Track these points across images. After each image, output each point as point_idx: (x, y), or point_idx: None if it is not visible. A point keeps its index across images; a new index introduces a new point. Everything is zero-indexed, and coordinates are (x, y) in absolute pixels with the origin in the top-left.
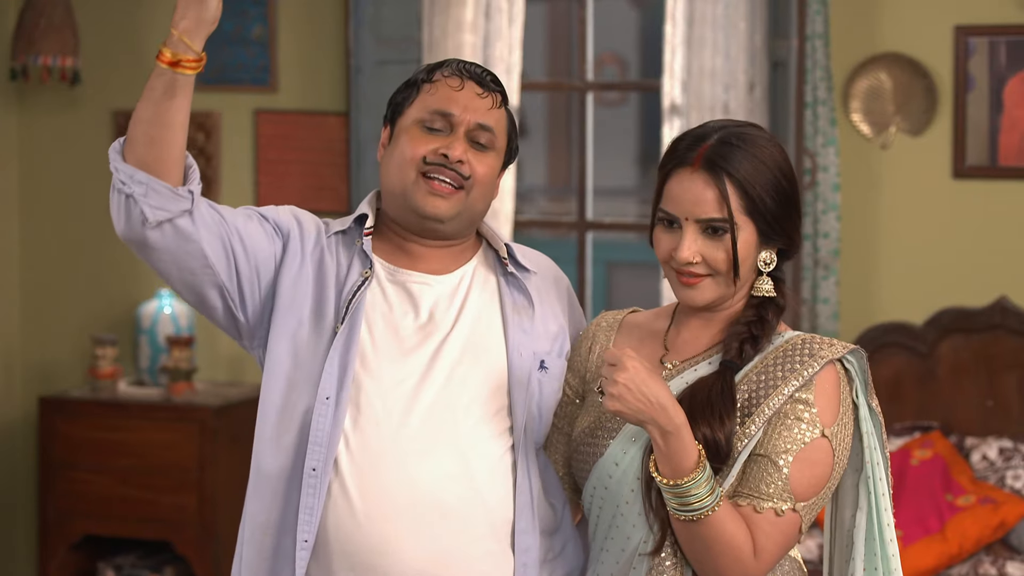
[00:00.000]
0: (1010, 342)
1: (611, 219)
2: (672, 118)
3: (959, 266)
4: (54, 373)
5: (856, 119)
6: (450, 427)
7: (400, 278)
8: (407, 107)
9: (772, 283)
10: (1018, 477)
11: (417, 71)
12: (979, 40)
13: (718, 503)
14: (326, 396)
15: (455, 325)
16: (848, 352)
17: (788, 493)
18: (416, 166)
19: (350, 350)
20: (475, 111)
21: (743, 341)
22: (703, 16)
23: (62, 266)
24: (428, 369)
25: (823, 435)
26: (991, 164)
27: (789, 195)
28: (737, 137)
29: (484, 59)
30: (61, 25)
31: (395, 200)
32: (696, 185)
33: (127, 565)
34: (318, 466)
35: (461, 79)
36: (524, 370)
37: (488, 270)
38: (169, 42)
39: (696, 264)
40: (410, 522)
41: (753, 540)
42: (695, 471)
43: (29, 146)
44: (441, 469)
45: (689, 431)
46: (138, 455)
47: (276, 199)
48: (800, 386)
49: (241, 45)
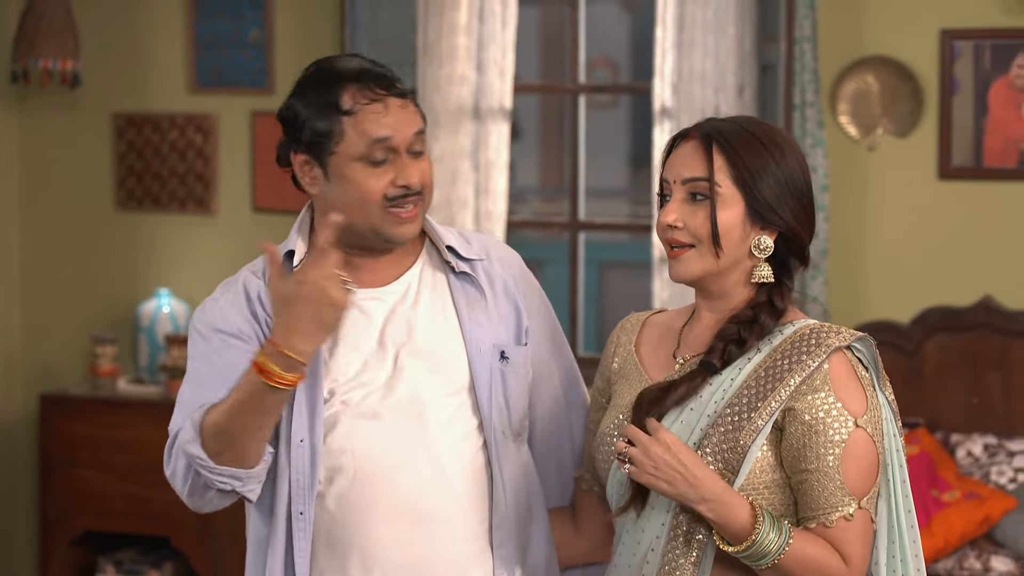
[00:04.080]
0: (995, 341)
1: (603, 219)
2: (663, 120)
3: (945, 266)
4: (54, 371)
5: (844, 121)
6: (421, 435)
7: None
8: (336, 142)
9: (770, 270)
10: (1002, 473)
11: (318, 91)
12: (964, 43)
13: (789, 540)
14: (300, 439)
15: (411, 334)
16: (855, 340)
17: (848, 496)
18: (379, 204)
19: (315, 386)
20: (406, 124)
21: (729, 342)
22: (693, 20)
23: (62, 266)
24: (392, 383)
25: (857, 425)
26: (976, 165)
27: (787, 181)
28: (740, 120)
29: (478, 62)
30: (61, 28)
31: (354, 233)
32: (688, 148)
33: (127, 560)
34: (304, 509)
35: (380, 100)
36: (485, 365)
37: (435, 269)
38: (276, 359)
39: (679, 231)
40: (390, 532)
41: (840, 553)
42: (756, 527)
43: (30, 148)
44: (417, 478)
45: (731, 492)
46: (137, 452)
47: (273, 200)
48: (806, 376)
49: (239, 48)
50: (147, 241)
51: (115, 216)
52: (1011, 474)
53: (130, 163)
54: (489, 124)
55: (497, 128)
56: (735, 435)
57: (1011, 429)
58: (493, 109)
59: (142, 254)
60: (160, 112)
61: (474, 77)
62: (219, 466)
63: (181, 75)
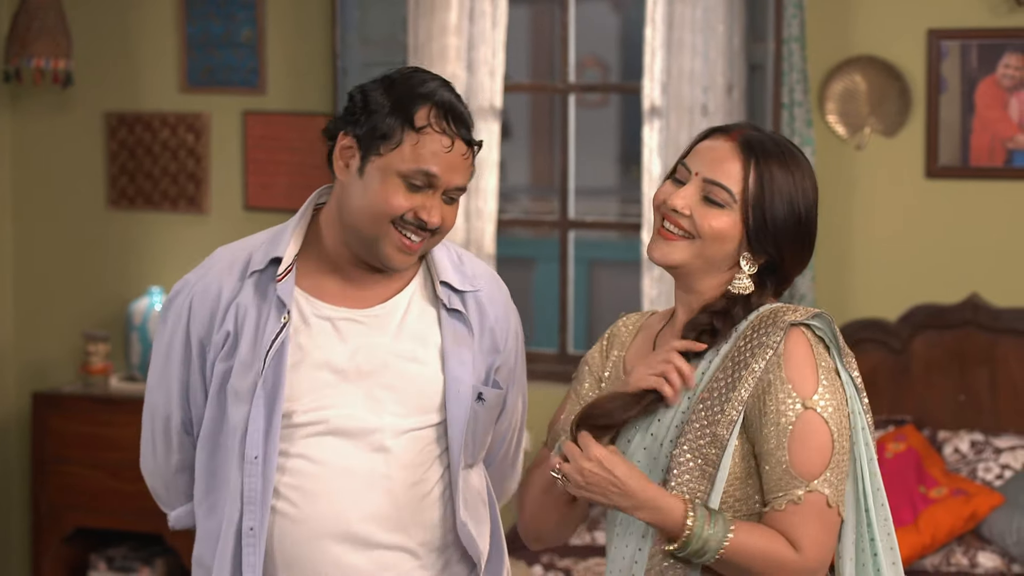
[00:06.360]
0: (981, 338)
1: (592, 218)
2: (652, 119)
3: (932, 264)
4: (47, 369)
5: (832, 120)
6: (380, 463)
7: (326, 313)
8: (389, 148)
9: (751, 282)
10: (989, 469)
11: (401, 94)
12: (951, 43)
13: (729, 533)
14: (254, 455)
15: (385, 365)
16: (811, 317)
17: (795, 479)
18: (391, 219)
19: (275, 403)
20: (457, 173)
21: (701, 332)
22: (682, 20)
23: (55, 265)
24: (356, 408)
25: (805, 407)
26: (963, 164)
27: (796, 216)
28: (782, 145)
29: (468, 61)
30: (54, 28)
31: (355, 237)
32: (725, 149)
33: (119, 557)
34: (255, 525)
35: (451, 138)
36: (463, 406)
37: (426, 300)
38: None
39: (683, 217)
40: (339, 554)
41: (789, 538)
42: (687, 523)
43: (22, 147)
44: (370, 504)
45: (664, 495)
46: (129, 449)
47: (264, 198)
48: (768, 359)
49: (230, 48)
50: (139, 239)
51: (107, 215)
52: (998, 470)
53: (122, 162)
54: (479, 123)
55: (487, 127)
56: (712, 428)
57: (998, 426)
58: (483, 108)
59: (134, 252)
60: (152, 111)
61: (464, 77)
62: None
63: (173, 75)
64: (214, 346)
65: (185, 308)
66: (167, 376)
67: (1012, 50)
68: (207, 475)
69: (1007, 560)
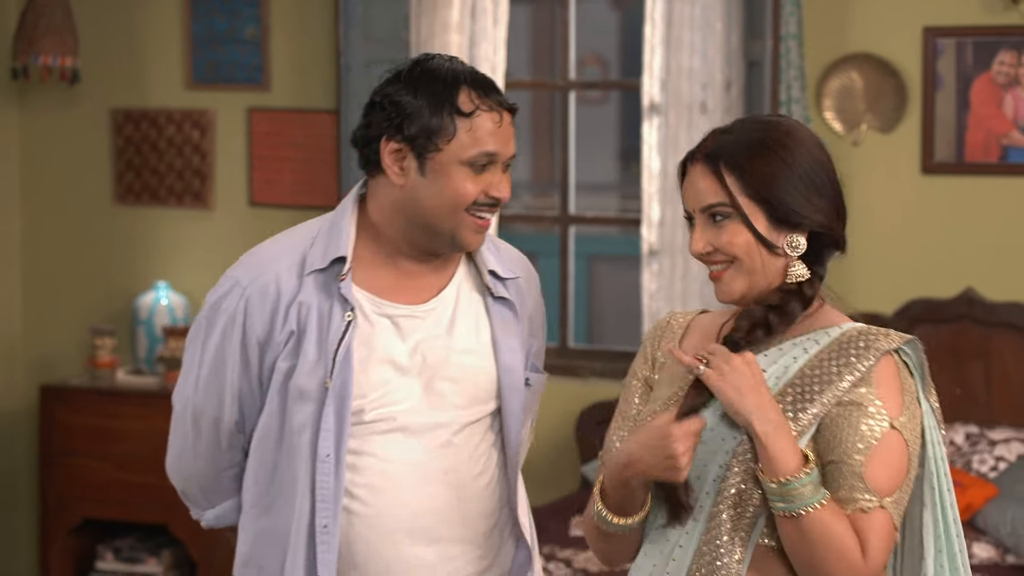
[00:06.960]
0: (976, 332)
1: (593, 214)
2: (651, 116)
3: (927, 259)
4: (54, 363)
5: (829, 117)
6: (445, 458)
7: (387, 311)
8: (444, 142)
9: (805, 268)
10: (984, 462)
11: (433, 87)
12: (947, 41)
13: (823, 499)
14: (326, 454)
15: (445, 358)
16: (904, 344)
17: (870, 492)
18: (467, 207)
19: (345, 401)
20: (510, 143)
21: (755, 325)
22: (681, 17)
23: (62, 260)
24: (421, 404)
25: (892, 427)
26: (958, 161)
27: (803, 178)
28: (745, 127)
29: (470, 59)
30: (61, 26)
31: (427, 232)
32: (696, 174)
33: (125, 548)
34: (329, 522)
35: (498, 112)
36: (516, 393)
37: (472, 289)
38: None
39: (713, 255)
40: (409, 550)
41: (860, 540)
42: (806, 467)
43: (30, 143)
44: (437, 500)
45: (790, 429)
46: (136, 441)
47: (269, 194)
48: (856, 380)
49: (235, 45)
50: (145, 235)
51: (113, 210)
52: (992, 463)
53: (128, 158)
54: None
55: None
56: None
57: (992, 419)
58: None
59: (140, 248)
60: (158, 108)
61: None
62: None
63: (178, 71)
64: (275, 345)
65: (240, 308)
66: (218, 377)
67: (1007, 47)
68: (265, 474)
69: (1001, 551)
